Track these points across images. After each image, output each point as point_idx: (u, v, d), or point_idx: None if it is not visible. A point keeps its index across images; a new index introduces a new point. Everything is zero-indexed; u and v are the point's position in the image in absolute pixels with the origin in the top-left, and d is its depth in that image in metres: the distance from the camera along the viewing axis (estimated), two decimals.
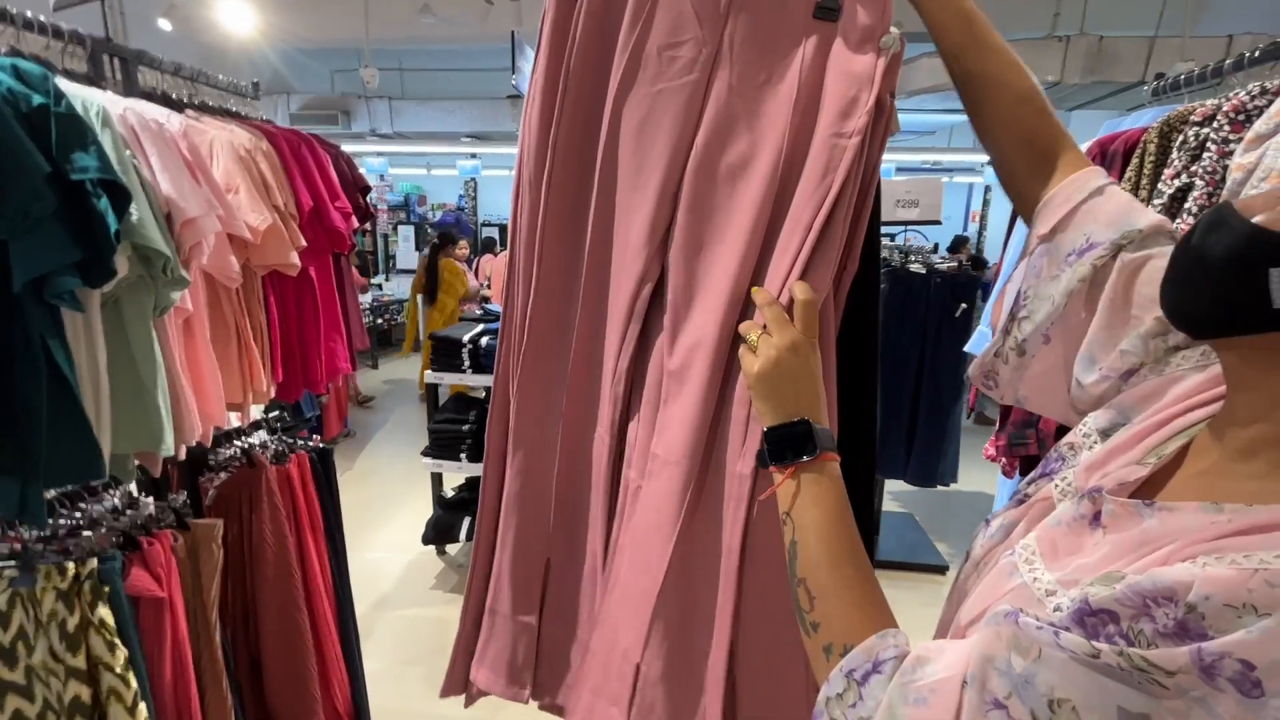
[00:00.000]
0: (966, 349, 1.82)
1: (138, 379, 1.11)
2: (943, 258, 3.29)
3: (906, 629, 0.50)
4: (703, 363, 0.69)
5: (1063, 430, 1.29)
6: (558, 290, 0.80)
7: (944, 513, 3.72)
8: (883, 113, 0.65)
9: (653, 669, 0.70)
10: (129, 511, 1.33)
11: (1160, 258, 0.54)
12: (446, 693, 0.92)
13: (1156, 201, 1.02)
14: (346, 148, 1.75)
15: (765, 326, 0.62)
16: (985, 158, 0.72)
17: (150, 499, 1.40)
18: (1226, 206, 0.42)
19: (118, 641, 1.12)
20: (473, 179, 10.17)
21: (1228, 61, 1.23)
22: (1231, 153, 0.93)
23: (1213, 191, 0.94)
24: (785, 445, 0.58)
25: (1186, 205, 0.97)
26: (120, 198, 0.98)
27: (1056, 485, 0.51)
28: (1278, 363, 0.40)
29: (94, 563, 1.12)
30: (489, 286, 5.96)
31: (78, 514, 1.27)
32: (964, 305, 2.89)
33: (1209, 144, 0.95)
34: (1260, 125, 0.92)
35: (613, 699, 0.72)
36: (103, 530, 1.24)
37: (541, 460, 0.83)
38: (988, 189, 9.69)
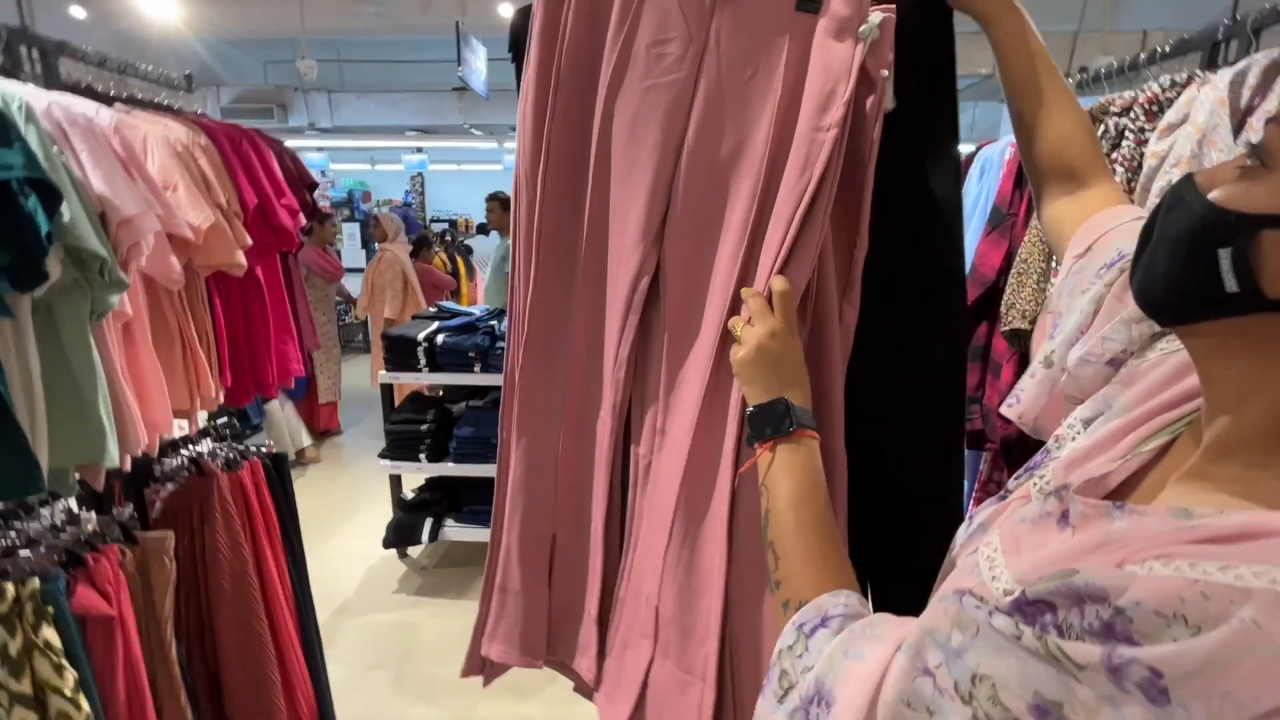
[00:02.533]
0: None
1: (75, 387, 1.06)
2: None
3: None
4: (701, 349, 0.74)
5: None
6: (556, 281, 0.83)
7: None
8: (873, 90, 0.66)
9: (667, 611, 0.78)
10: (69, 528, 1.26)
11: None
12: (467, 673, 0.96)
13: None
14: (285, 142, 1.69)
15: (749, 319, 0.66)
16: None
17: (91, 513, 1.34)
18: (1186, 180, 0.39)
19: (65, 663, 1.07)
20: (419, 174, 9.93)
21: (1143, 56, 1.32)
22: (1146, 141, 1.00)
23: (1131, 177, 1.01)
24: (765, 422, 0.62)
25: None
26: (50, 197, 0.93)
27: (1035, 482, 0.50)
28: (1240, 350, 0.37)
29: (35, 582, 1.07)
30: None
31: (13, 532, 1.20)
32: None
33: (1127, 133, 1.03)
34: (1171, 115, 1.00)
35: (642, 633, 0.81)
36: (42, 549, 1.18)
37: (545, 444, 0.87)
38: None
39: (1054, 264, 1.15)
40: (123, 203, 1.07)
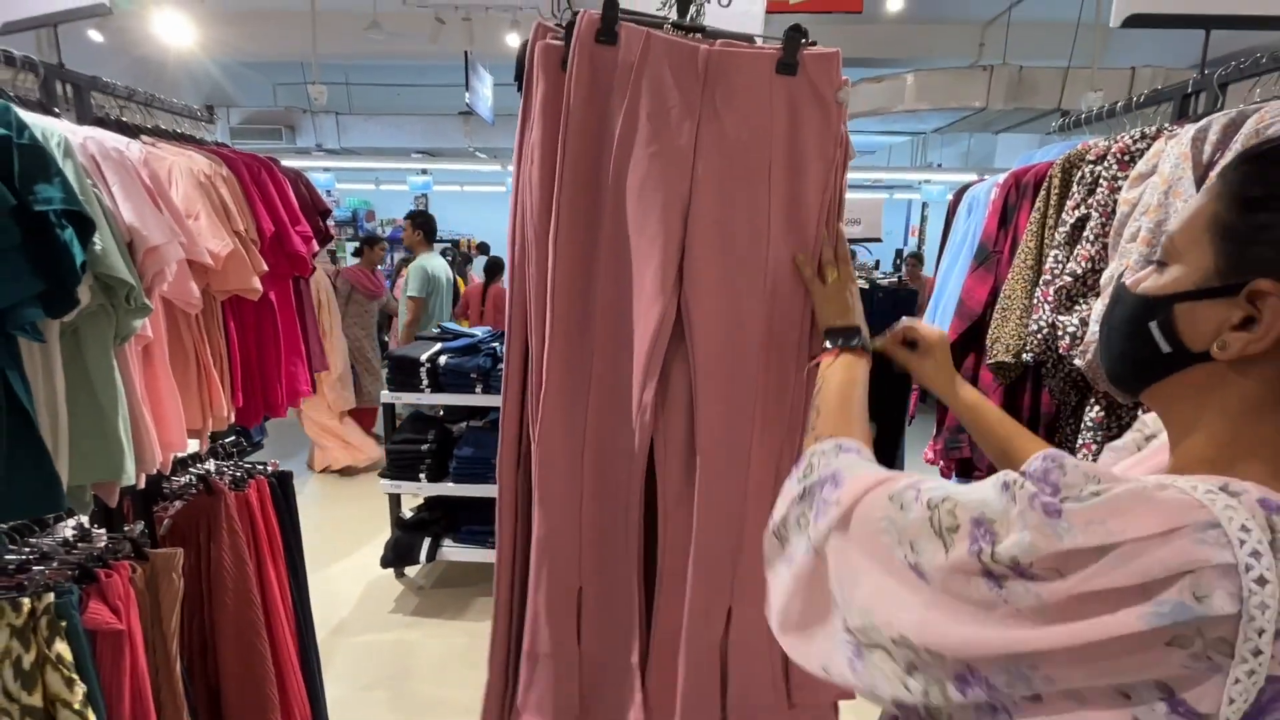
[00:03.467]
0: None
1: (98, 408, 1.10)
2: (884, 274, 3.47)
3: None
4: (746, 386, 0.85)
5: None
6: (572, 335, 0.87)
7: None
8: (842, 145, 0.77)
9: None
10: (81, 544, 1.30)
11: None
12: None
13: (1060, 230, 1.15)
14: (291, 163, 1.76)
15: (831, 259, 0.87)
16: (924, 176, 0.93)
17: (103, 530, 1.37)
18: (1119, 284, 0.53)
19: (76, 677, 1.10)
20: (424, 195, 10.04)
21: (1119, 104, 1.39)
22: (1119, 188, 1.06)
23: (1105, 222, 1.07)
24: (840, 335, 0.82)
25: (1085, 234, 1.10)
26: (84, 228, 0.98)
27: None
28: (1183, 396, 0.48)
29: (50, 597, 1.10)
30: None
31: (27, 548, 1.23)
32: (905, 318, 3.07)
33: (1101, 180, 1.09)
34: (1141, 166, 1.07)
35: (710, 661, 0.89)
36: (55, 564, 1.21)
37: (567, 499, 0.90)
38: (925, 205, 10.21)
39: (1036, 300, 1.21)
40: (150, 233, 1.13)
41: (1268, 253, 0.43)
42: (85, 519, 1.35)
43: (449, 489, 2.90)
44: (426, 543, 2.91)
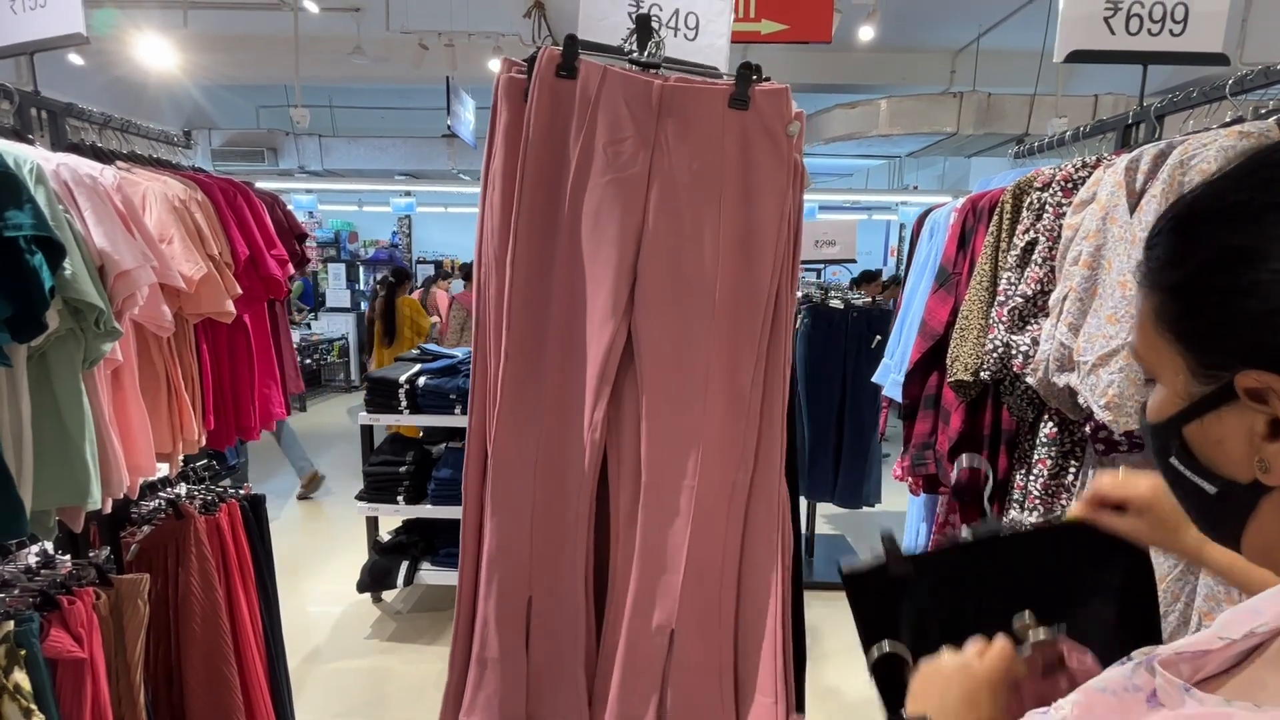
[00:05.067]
0: (874, 379, 2.00)
1: (64, 432, 1.10)
2: (857, 294, 3.55)
3: (841, 646, 0.56)
4: (692, 409, 0.87)
5: (954, 452, 1.44)
6: (527, 354, 0.91)
7: (872, 533, 3.88)
8: (797, 173, 0.81)
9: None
10: (44, 570, 1.28)
11: None
12: None
13: (1012, 253, 1.20)
14: (273, 185, 1.78)
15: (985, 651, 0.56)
16: (900, 198, 0.95)
17: (67, 556, 1.35)
18: (1141, 408, 0.41)
19: (34, 707, 1.08)
20: (407, 216, 10.07)
21: (1068, 133, 1.46)
22: (1064, 214, 1.12)
23: (1052, 245, 1.13)
24: None
25: (1034, 257, 1.15)
26: (55, 253, 0.99)
27: None
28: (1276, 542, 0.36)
29: (10, 625, 1.08)
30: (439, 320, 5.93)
31: None
32: (879, 337, 3.13)
33: (1047, 206, 1.15)
34: (1083, 193, 1.12)
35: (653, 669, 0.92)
36: (15, 591, 1.19)
37: (519, 512, 0.94)
38: (903, 226, 10.44)
39: (991, 320, 1.25)
40: (121, 257, 1.14)
41: (1231, 337, 0.34)
42: (49, 545, 1.33)
43: (428, 511, 2.88)
44: (404, 566, 2.87)
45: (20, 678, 1.07)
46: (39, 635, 1.12)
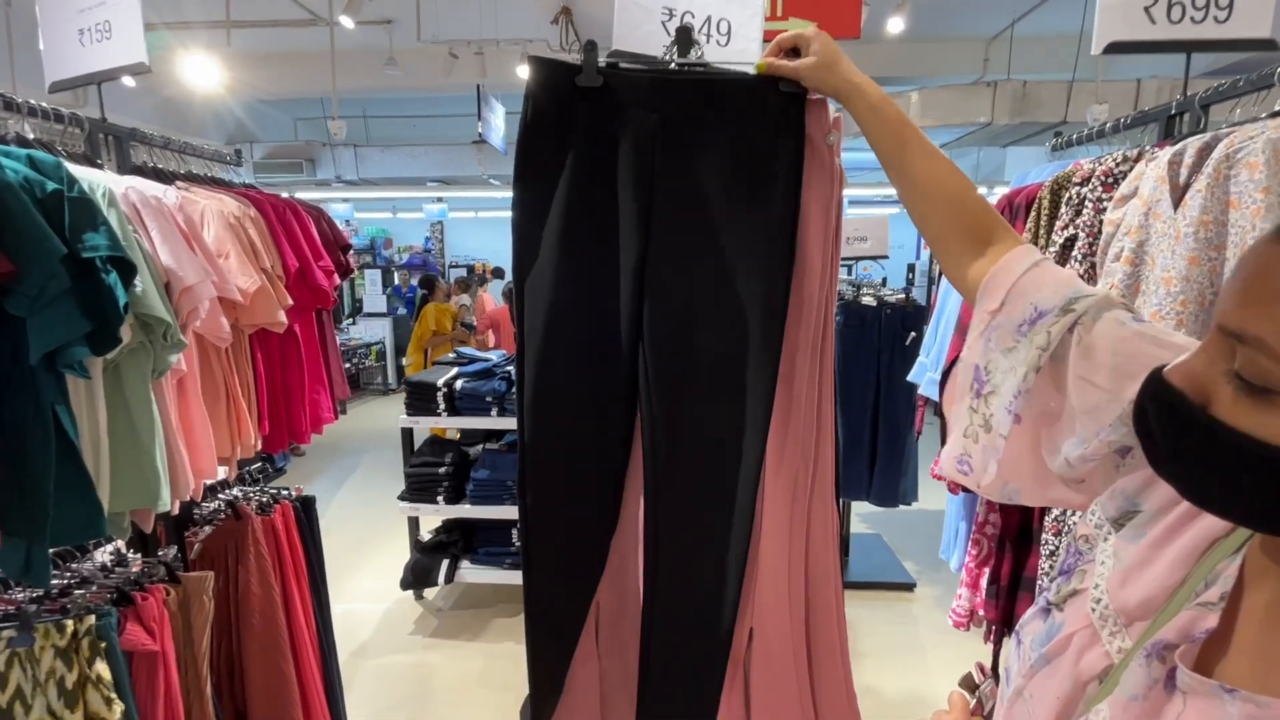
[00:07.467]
0: (909, 378, 1.98)
1: (136, 439, 1.17)
2: (892, 290, 3.49)
3: (878, 646, 0.59)
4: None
5: None
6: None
7: (908, 531, 3.86)
8: (839, 181, 0.85)
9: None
10: (118, 568, 1.36)
11: (1114, 324, 0.52)
12: None
13: (1050, 250, 1.19)
14: (311, 195, 1.85)
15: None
16: None
17: (138, 555, 1.44)
18: (1203, 413, 0.37)
19: (114, 696, 1.15)
20: (439, 222, 10.27)
21: (1107, 124, 1.43)
22: (1104, 209, 1.10)
23: (1092, 242, 1.11)
24: None
25: (1073, 253, 1.14)
26: (127, 272, 1.06)
27: (1093, 609, 0.46)
28: None
29: (92, 619, 1.16)
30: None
31: (68, 573, 1.30)
32: (913, 334, 3.09)
33: (1087, 202, 1.13)
34: (1124, 188, 1.11)
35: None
36: (94, 588, 1.28)
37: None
38: None
39: None
40: (185, 273, 1.21)
41: None
42: (122, 544, 1.41)
43: (466, 511, 2.95)
44: (445, 564, 2.95)
45: (102, 668, 1.15)
46: (117, 629, 1.19)
